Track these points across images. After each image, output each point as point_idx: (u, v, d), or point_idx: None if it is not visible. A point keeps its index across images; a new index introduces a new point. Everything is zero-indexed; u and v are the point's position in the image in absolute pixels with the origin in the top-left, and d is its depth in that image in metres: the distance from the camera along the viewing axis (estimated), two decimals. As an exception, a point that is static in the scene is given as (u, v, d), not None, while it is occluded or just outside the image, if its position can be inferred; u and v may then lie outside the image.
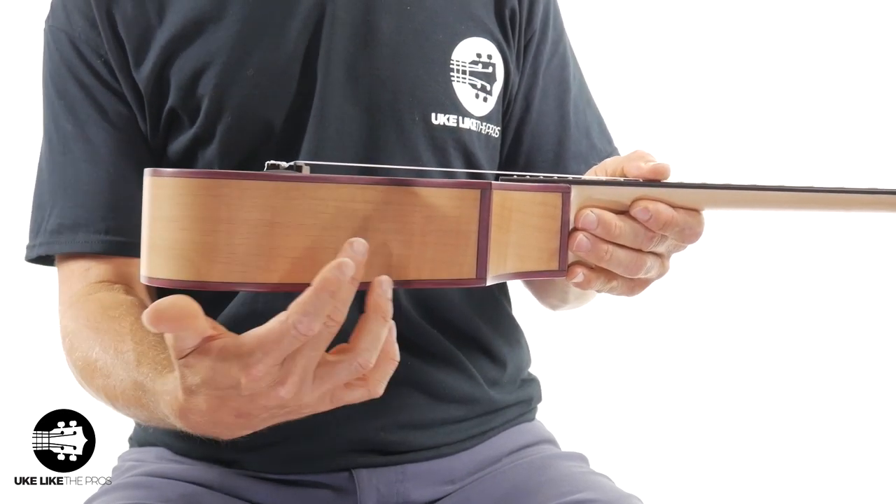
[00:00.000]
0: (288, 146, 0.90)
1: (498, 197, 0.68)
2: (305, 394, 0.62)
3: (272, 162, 0.69)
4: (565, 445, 1.05)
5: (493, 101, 0.97)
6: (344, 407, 0.90)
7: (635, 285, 0.78)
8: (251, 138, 0.90)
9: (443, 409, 0.95)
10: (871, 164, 2.09)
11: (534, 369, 1.07)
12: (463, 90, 0.94)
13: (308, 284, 0.62)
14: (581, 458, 1.01)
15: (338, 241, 0.64)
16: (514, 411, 1.02)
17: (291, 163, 0.69)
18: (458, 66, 0.94)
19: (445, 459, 0.95)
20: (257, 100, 0.89)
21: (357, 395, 0.65)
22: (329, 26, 0.90)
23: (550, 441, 1.04)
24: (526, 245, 0.72)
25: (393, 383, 0.91)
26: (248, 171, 0.63)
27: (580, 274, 0.74)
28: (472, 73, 0.95)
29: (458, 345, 0.96)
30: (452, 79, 0.94)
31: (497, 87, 0.97)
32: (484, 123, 0.96)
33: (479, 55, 0.96)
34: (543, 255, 0.73)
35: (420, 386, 0.93)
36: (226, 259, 0.62)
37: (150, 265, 0.64)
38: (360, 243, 0.61)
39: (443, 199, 0.67)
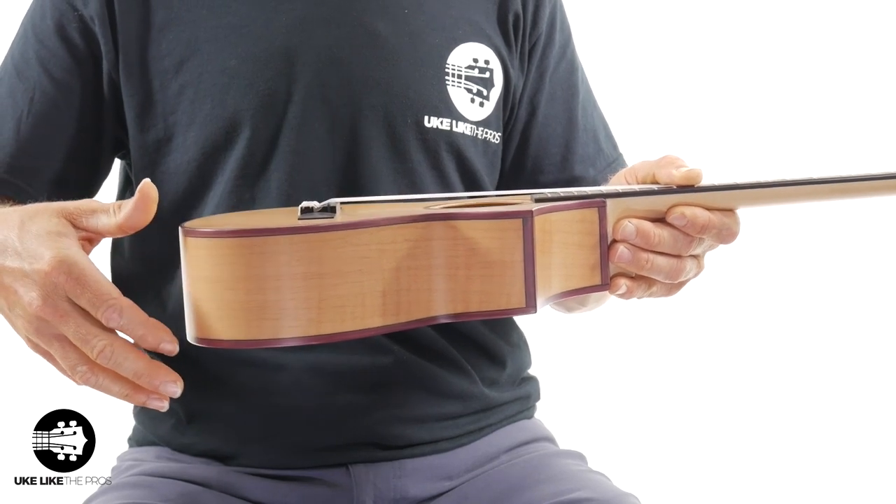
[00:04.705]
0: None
1: (538, 222, 0.68)
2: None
3: (306, 204, 0.69)
4: (564, 444, 1.05)
5: (490, 106, 0.97)
6: (342, 402, 0.91)
7: (673, 287, 0.79)
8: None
9: (439, 404, 0.95)
10: (884, 152, 2.08)
11: (533, 368, 1.07)
12: (458, 94, 0.94)
13: (358, 331, 0.63)
14: (579, 457, 1.01)
15: (383, 283, 0.64)
16: (512, 408, 1.02)
17: (325, 203, 0.69)
18: (453, 70, 0.94)
19: (443, 455, 0.95)
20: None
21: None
22: (324, 26, 0.90)
23: (549, 439, 1.05)
24: (569, 264, 0.72)
25: (390, 379, 0.93)
26: (288, 226, 0.63)
27: (623, 285, 0.75)
28: (468, 78, 0.95)
29: (455, 344, 0.96)
30: (447, 83, 0.94)
31: (495, 92, 0.97)
32: (480, 128, 0.96)
33: (475, 60, 0.96)
34: (586, 272, 0.73)
35: (417, 382, 0.94)
36: (276, 315, 0.61)
37: (200, 327, 0.64)
38: None
39: (484, 230, 0.66)
